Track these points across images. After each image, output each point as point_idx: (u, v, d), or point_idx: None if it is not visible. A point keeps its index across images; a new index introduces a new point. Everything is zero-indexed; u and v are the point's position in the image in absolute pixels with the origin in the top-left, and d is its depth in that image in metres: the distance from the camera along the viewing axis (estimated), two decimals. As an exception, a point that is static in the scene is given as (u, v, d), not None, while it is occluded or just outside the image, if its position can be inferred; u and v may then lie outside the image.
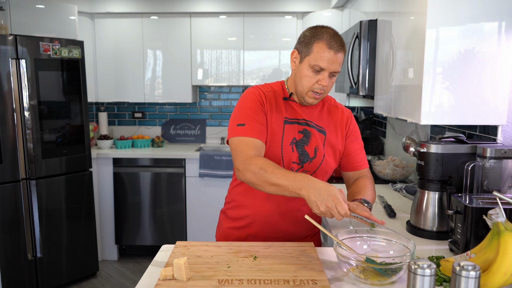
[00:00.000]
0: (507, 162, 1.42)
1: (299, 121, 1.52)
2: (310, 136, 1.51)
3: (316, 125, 1.53)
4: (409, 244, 1.21)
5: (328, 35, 1.40)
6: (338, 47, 1.40)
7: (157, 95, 3.97)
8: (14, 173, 2.88)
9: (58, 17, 3.37)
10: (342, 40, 1.42)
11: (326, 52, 1.39)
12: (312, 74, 1.42)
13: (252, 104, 1.45)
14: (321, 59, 1.39)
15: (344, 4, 3.40)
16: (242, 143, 1.38)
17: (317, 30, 1.43)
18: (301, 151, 1.50)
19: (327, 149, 1.54)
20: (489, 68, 1.53)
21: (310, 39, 1.42)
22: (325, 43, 1.39)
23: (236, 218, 1.60)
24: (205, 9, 3.79)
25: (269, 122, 1.48)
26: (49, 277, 3.11)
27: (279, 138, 1.48)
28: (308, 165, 1.50)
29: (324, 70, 1.41)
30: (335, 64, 1.40)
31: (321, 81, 1.42)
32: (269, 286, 1.11)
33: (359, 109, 3.90)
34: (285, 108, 1.52)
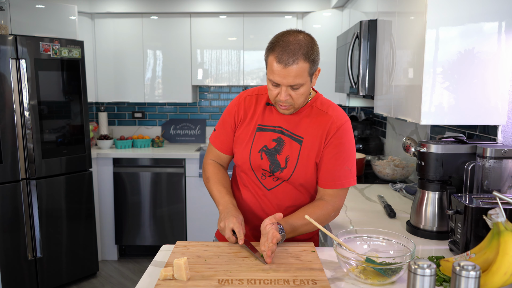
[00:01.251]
0: (507, 162, 1.42)
1: (274, 128, 1.47)
2: (283, 145, 1.45)
3: (292, 134, 1.45)
4: (409, 244, 1.21)
5: (282, 46, 1.28)
6: (288, 59, 1.27)
7: (157, 95, 3.97)
8: (14, 173, 2.88)
9: (58, 17, 3.37)
10: (300, 49, 1.28)
11: (275, 66, 1.29)
12: (272, 87, 1.36)
13: (226, 114, 1.56)
14: (272, 74, 1.31)
15: (344, 4, 3.40)
16: (208, 149, 1.63)
17: (276, 39, 1.32)
18: (272, 160, 1.45)
19: (301, 160, 1.42)
20: (489, 68, 1.53)
21: (267, 50, 1.33)
22: (274, 57, 1.29)
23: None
24: (205, 9, 3.79)
25: (240, 129, 1.51)
26: (49, 277, 3.11)
27: (248, 145, 1.49)
28: (279, 174, 1.45)
29: (280, 85, 1.32)
30: (289, 78, 1.29)
31: (279, 95, 1.34)
32: (269, 286, 1.11)
33: (359, 109, 3.90)
34: (264, 114, 1.48)
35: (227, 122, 1.54)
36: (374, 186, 2.40)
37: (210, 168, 1.57)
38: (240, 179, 1.57)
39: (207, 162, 1.60)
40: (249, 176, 1.52)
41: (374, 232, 1.31)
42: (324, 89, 3.58)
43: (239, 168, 1.55)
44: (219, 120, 1.58)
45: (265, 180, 1.49)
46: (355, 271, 1.17)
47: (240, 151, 1.50)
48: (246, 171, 1.52)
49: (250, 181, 1.52)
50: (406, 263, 1.12)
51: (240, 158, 1.51)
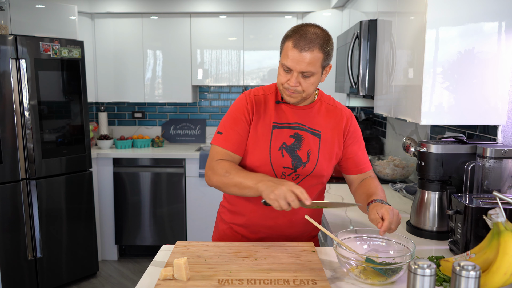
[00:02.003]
0: (507, 162, 1.42)
1: (290, 125, 1.48)
2: (302, 140, 1.47)
3: (309, 128, 1.49)
4: (409, 244, 1.21)
5: (300, 34, 1.34)
6: (305, 45, 1.32)
7: (157, 95, 3.97)
8: (14, 173, 2.88)
9: (58, 17, 3.37)
10: (317, 39, 1.33)
11: (290, 51, 1.34)
12: (283, 73, 1.39)
13: (236, 112, 1.48)
14: (286, 58, 1.35)
15: (344, 4, 3.40)
16: (214, 152, 1.47)
17: (295, 27, 1.38)
18: (293, 156, 1.46)
19: (322, 153, 1.48)
20: (489, 68, 1.53)
21: (285, 37, 1.39)
22: (291, 42, 1.34)
23: (231, 222, 1.59)
24: (205, 9, 3.79)
25: (255, 128, 1.46)
26: (49, 277, 3.11)
27: (267, 144, 1.46)
28: (301, 170, 1.47)
29: (292, 70, 1.36)
30: (302, 64, 1.34)
31: (289, 80, 1.37)
32: (269, 286, 1.11)
33: (359, 109, 3.90)
34: (276, 112, 1.48)
35: (241, 120, 1.47)
36: (374, 186, 2.40)
37: (224, 164, 1.41)
38: None
39: (215, 161, 1.44)
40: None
41: (374, 232, 1.31)
42: (324, 89, 3.57)
43: (255, 170, 1.48)
44: (227, 121, 1.49)
45: (284, 179, 1.46)
46: (355, 271, 1.17)
47: (258, 151, 1.46)
48: (264, 171, 1.47)
49: None
50: (406, 263, 1.12)
51: (258, 158, 1.46)
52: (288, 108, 1.49)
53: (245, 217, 1.54)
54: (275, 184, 1.24)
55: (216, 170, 1.40)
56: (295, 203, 1.22)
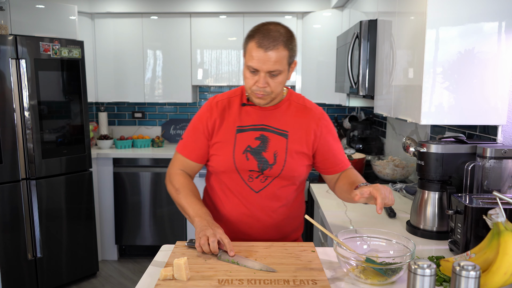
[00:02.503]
0: (507, 162, 1.42)
1: (255, 127, 1.46)
2: (268, 141, 1.45)
3: (276, 129, 1.46)
4: (409, 244, 1.21)
5: (262, 33, 1.32)
6: (269, 44, 1.30)
7: (157, 95, 3.97)
8: (14, 173, 2.88)
9: (58, 17, 3.37)
10: (280, 36, 1.32)
11: (255, 51, 1.31)
12: (250, 75, 1.36)
13: (197, 122, 1.51)
14: (251, 59, 1.33)
15: (344, 4, 3.40)
16: (175, 158, 1.55)
17: (256, 27, 1.36)
18: (258, 158, 1.44)
19: (290, 153, 1.45)
20: (489, 68, 1.53)
21: (247, 38, 1.36)
22: (255, 42, 1.31)
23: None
24: (205, 9, 3.79)
25: (219, 134, 1.46)
26: (49, 277, 3.11)
27: (230, 149, 1.44)
28: (268, 172, 1.45)
29: (259, 71, 1.33)
30: (268, 64, 1.31)
31: (257, 82, 1.34)
32: (269, 286, 1.11)
33: (359, 109, 3.90)
34: (240, 116, 1.47)
35: (199, 130, 1.48)
36: (374, 186, 2.40)
37: (179, 179, 1.49)
38: (222, 188, 1.51)
39: (173, 172, 1.52)
40: (234, 181, 1.47)
41: (374, 232, 1.31)
42: (324, 89, 3.59)
43: (222, 175, 1.49)
44: (188, 129, 1.53)
45: (252, 182, 1.46)
46: (355, 271, 1.17)
47: (222, 156, 1.45)
48: (230, 176, 1.47)
49: (236, 186, 1.47)
50: (406, 263, 1.12)
51: (223, 163, 1.46)
52: (254, 109, 1.47)
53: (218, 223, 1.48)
54: (207, 226, 1.30)
55: (171, 182, 1.50)
56: (213, 245, 1.25)
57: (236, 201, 1.49)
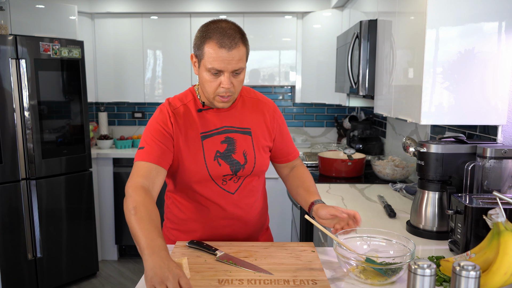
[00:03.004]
0: (507, 162, 1.42)
1: (218, 130, 1.42)
2: (235, 143, 1.43)
3: (238, 128, 1.44)
4: (409, 244, 1.21)
5: (218, 32, 1.26)
6: (231, 43, 1.26)
7: (157, 95, 3.97)
8: (14, 173, 2.88)
9: (58, 17, 3.37)
10: (236, 33, 1.28)
11: (217, 52, 1.26)
12: (211, 78, 1.30)
13: (157, 125, 1.38)
14: (215, 61, 1.27)
15: (344, 4, 3.40)
16: (135, 168, 1.32)
17: (207, 28, 1.30)
18: (230, 161, 1.42)
19: (257, 149, 1.46)
20: (489, 68, 1.53)
21: (201, 40, 1.29)
22: (215, 42, 1.26)
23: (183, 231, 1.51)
24: (205, 9, 3.79)
25: (184, 143, 1.39)
26: (49, 277, 3.11)
27: (200, 157, 1.39)
28: (242, 172, 1.44)
29: (223, 72, 1.29)
30: (232, 63, 1.27)
31: (222, 83, 1.30)
32: (269, 286, 1.11)
33: (359, 109, 3.90)
34: (200, 122, 1.41)
35: (163, 135, 1.36)
36: (374, 186, 2.40)
37: (138, 195, 1.23)
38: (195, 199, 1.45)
39: (132, 186, 1.26)
40: (209, 188, 1.43)
41: (374, 232, 1.31)
42: (324, 89, 3.59)
43: (195, 185, 1.42)
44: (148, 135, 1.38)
45: (226, 185, 1.44)
46: (355, 271, 1.17)
47: (194, 167, 1.39)
48: (205, 185, 1.42)
49: (211, 193, 1.43)
50: (406, 263, 1.12)
51: (195, 173, 1.39)
52: (212, 113, 1.43)
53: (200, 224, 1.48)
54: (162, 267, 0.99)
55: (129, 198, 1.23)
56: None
57: (214, 207, 1.45)
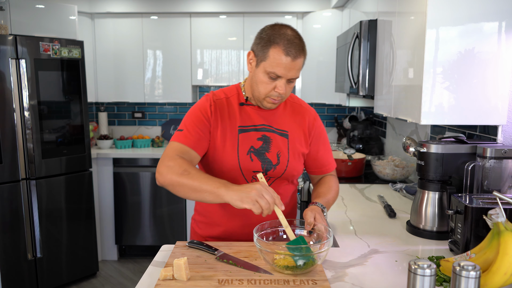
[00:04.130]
0: (507, 162, 1.42)
1: (256, 127, 1.44)
2: (270, 142, 1.44)
3: (277, 129, 1.46)
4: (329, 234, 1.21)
5: (286, 39, 1.30)
6: (296, 52, 1.30)
7: (157, 95, 3.97)
8: (14, 173, 2.88)
9: (58, 17, 3.37)
10: (301, 43, 1.32)
11: (283, 59, 1.29)
12: (268, 81, 1.33)
13: (198, 112, 1.42)
14: (277, 67, 1.30)
15: (344, 4, 3.40)
16: (172, 148, 1.35)
17: (274, 32, 1.32)
18: (262, 159, 1.42)
19: (291, 153, 1.46)
20: (489, 68, 1.53)
21: (266, 42, 1.32)
22: (282, 49, 1.29)
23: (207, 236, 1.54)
24: (205, 9, 3.79)
25: (221, 133, 1.41)
26: (49, 277, 3.11)
27: (234, 149, 1.41)
28: (272, 172, 1.44)
29: (281, 77, 1.32)
30: (293, 71, 1.32)
31: (278, 88, 1.33)
32: (269, 286, 1.11)
33: (359, 109, 3.90)
34: (240, 116, 1.44)
35: (201, 121, 1.40)
36: (374, 186, 2.40)
37: (182, 161, 1.29)
38: None
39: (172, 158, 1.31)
40: (237, 182, 1.42)
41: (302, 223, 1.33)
42: (324, 89, 3.59)
43: (224, 175, 1.42)
44: (188, 120, 1.42)
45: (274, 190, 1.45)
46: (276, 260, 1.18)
47: (226, 157, 1.41)
48: (233, 176, 1.42)
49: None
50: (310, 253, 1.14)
51: (227, 164, 1.41)
52: (253, 110, 1.45)
53: (221, 228, 1.50)
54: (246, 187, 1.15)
55: (172, 167, 1.27)
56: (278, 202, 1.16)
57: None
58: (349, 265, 1.28)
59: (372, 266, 1.28)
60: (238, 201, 1.14)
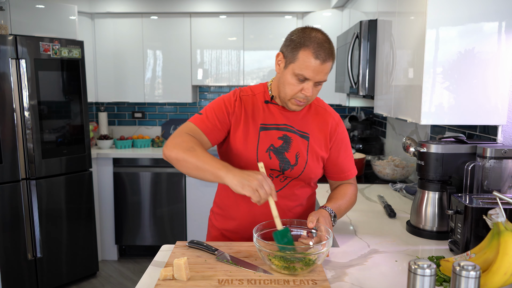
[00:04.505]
0: (507, 162, 1.42)
1: (278, 126, 1.45)
2: (291, 142, 1.44)
3: (298, 130, 1.46)
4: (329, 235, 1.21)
5: (316, 42, 1.31)
6: (326, 56, 1.31)
7: (157, 95, 3.97)
8: (14, 173, 2.88)
9: (58, 17, 3.37)
10: (331, 47, 1.33)
11: (312, 61, 1.30)
12: (296, 82, 1.34)
13: (222, 103, 1.45)
14: (306, 69, 1.31)
15: (344, 4, 3.40)
16: (186, 126, 1.39)
17: (305, 34, 1.33)
18: (281, 158, 1.43)
19: (310, 156, 1.46)
20: (489, 68, 1.53)
21: (296, 44, 1.32)
22: (311, 52, 1.30)
23: (222, 228, 1.57)
24: (205, 9, 3.79)
25: (243, 128, 1.43)
26: (49, 277, 3.11)
27: (254, 145, 1.42)
28: (289, 172, 1.45)
29: (309, 80, 1.33)
30: (321, 74, 1.33)
31: (305, 90, 1.34)
32: (269, 286, 1.11)
33: (359, 109, 3.90)
34: (264, 113, 1.45)
35: (222, 112, 1.42)
36: (374, 186, 2.40)
37: (190, 138, 1.32)
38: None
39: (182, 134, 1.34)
40: None
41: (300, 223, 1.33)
42: (324, 89, 3.58)
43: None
44: (210, 107, 1.44)
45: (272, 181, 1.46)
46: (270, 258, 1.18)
47: (245, 152, 1.43)
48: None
49: None
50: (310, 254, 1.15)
51: (245, 160, 1.43)
52: (277, 109, 1.46)
53: (235, 222, 1.52)
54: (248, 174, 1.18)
55: (179, 143, 1.29)
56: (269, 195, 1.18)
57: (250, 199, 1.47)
58: (349, 265, 1.28)
59: (372, 266, 1.28)
60: (239, 186, 1.17)
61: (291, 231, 1.29)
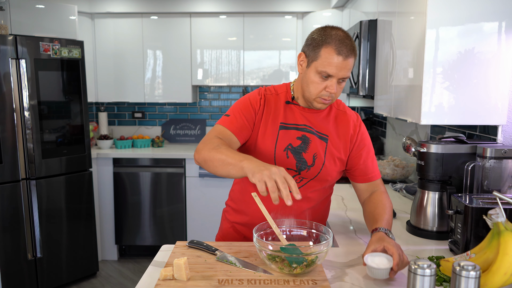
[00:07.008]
0: (507, 162, 1.42)
1: (298, 126, 1.46)
2: (309, 143, 1.45)
3: (317, 131, 1.46)
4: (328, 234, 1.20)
5: (338, 39, 1.32)
6: (348, 52, 1.32)
7: (157, 95, 3.97)
8: (14, 173, 2.88)
9: (58, 17, 3.38)
10: (352, 43, 1.34)
11: (334, 58, 1.31)
12: (319, 81, 1.35)
13: (247, 101, 1.46)
14: (329, 66, 1.32)
15: (344, 4, 3.40)
16: (214, 129, 1.41)
17: (326, 32, 1.34)
18: (298, 158, 1.44)
19: (328, 157, 1.46)
20: (489, 68, 1.53)
21: (318, 43, 1.34)
22: (333, 49, 1.31)
23: (234, 222, 1.59)
24: (205, 9, 3.79)
25: (264, 125, 1.44)
26: (49, 277, 3.11)
27: (272, 143, 1.43)
28: (305, 173, 1.45)
29: (332, 77, 1.34)
30: (344, 71, 1.33)
31: (329, 87, 1.35)
32: (269, 286, 1.11)
33: (359, 109, 3.90)
34: (285, 113, 1.46)
35: (249, 111, 1.44)
36: (374, 186, 2.40)
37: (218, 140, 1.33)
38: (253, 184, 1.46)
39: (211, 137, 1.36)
40: None
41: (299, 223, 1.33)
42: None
43: None
44: (236, 107, 1.45)
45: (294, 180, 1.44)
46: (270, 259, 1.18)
47: (263, 150, 1.43)
48: None
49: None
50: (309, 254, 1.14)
51: (263, 157, 1.43)
52: (298, 109, 1.47)
53: (248, 217, 1.53)
54: (265, 165, 1.14)
55: (207, 145, 1.32)
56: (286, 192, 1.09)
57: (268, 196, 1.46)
58: (349, 265, 1.28)
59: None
60: (250, 173, 1.13)
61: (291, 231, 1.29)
